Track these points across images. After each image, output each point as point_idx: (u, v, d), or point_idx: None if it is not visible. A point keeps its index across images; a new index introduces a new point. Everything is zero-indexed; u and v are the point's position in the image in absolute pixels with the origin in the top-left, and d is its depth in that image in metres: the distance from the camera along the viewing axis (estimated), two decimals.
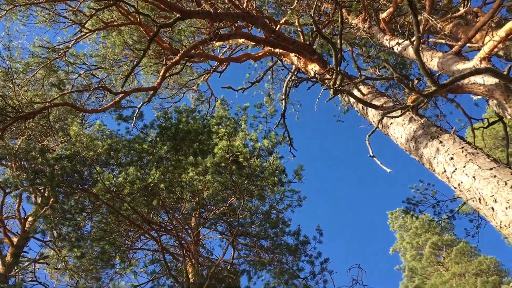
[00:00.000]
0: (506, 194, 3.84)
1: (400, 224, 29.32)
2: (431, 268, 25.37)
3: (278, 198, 11.33)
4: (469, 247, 23.67)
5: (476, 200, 4.22)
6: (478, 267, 22.06)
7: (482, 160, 4.36)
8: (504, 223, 3.83)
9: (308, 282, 11.41)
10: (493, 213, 3.97)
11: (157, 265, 11.80)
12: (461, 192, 4.54)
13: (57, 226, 9.05)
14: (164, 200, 9.51)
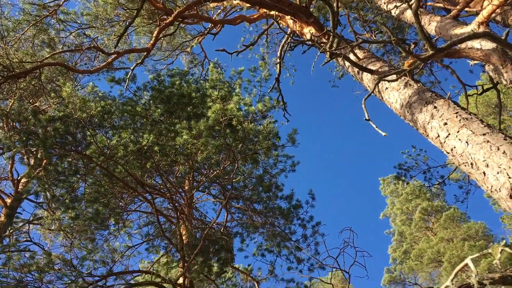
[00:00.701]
0: (498, 159, 3.87)
1: (391, 190, 29.73)
2: (420, 233, 25.90)
3: (272, 163, 11.40)
4: (458, 213, 24.13)
5: (468, 165, 4.26)
6: (466, 232, 22.56)
7: (475, 126, 4.37)
8: (495, 188, 3.88)
9: (299, 244, 11.62)
10: (485, 177, 4.01)
11: (151, 227, 11.95)
12: (453, 157, 4.57)
13: (50, 188, 9.07)
14: (158, 163, 9.52)
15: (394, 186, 29.35)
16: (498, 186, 3.89)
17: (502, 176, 3.83)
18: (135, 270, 10.38)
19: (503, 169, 3.84)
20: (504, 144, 4.02)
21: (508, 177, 3.74)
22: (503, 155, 3.91)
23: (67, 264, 7.61)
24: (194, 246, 9.19)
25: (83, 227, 9.03)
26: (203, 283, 13.07)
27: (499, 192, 3.89)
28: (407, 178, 14.33)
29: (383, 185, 30.36)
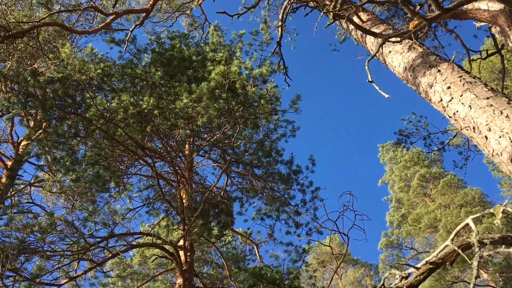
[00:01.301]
0: (500, 123, 3.84)
1: (390, 157, 29.82)
2: (418, 199, 26.15)
3: (272, 128, 11.38)
4: (456, 180, 24.29)
5: (470, 129, 4.23)
6: (463, 198, 22.78)
7: (479, 90, 4.32)
8: (496, 152, 3.86)
9: (298, 209, 11.74)
10: (486, 141, 3.99)
11: (151, 190, 12.04)
12: (455, 121, 4.53)
13: (51, 150, 9.08)
14: (158, 126, 9.50)
15: (393, 153, 29.42)
16: (499, 150, 3.87)
17: (504, 140, 3.80)
18: (136, 232, 10.52)
19: (506, 133, 3.81)
20: (508, 108, 3.98)
21: (510, 141, 3.71)
22: (506, 119, 3.87)
23: (69, 225, 7.70)
24: (194, 209, 9.28)
25: (84, 189, 9.08)
26: (203, 245, 13.29)
27: (501, 156, 3.87)
28: (407, 145, 14.33)
29: (382, 152, 30.43)
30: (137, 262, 14.36)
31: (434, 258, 2.67)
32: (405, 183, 27.91)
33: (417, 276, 2.63)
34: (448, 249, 2.66)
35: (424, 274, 2.61)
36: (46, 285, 8.05)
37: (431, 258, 2.69)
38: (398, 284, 2.67)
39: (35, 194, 11.69)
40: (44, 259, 7.62)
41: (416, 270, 2.67)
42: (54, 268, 8.02)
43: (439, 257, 2.66)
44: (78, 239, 7.92)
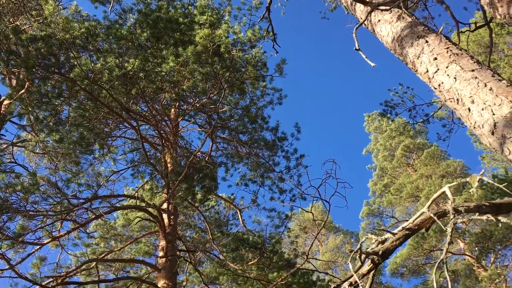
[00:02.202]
0: (484, 95, 3.88)
1: (375, 127, 30.04)
2: (401, 169, 26.55)
3: (259, 95, 11.34)
4: (439, 151, 24.67)
5: (454, 101, 4.27)
6: (445, 169, 23.22)
7: (465, 62, 4.33)
8: (478, 124, 3.91)
9: (283, 175, 11.86)
10: (469, 113, 4.04)
11: (136, 153, 12.03)
12: (440, 92, 4.57)
13: (34, 110, 8.95)
14: (144, 89, 9.39)
15: (379, 123, 29.62)
16: (481, 122, 3.92)
17: (487, 113, 3.84)
18: (120, 194, 10.57)
19: (488, 106, 3.85)
20: (492, 81, 4.01)
21: (492, 114, 3.76)
22: (490, 92, 3.91)
23: (52, 186, 7.68)
24: (178, 173, 9.30)
25: (67, 150, 9.02)
26: (187, 209, 13.41)
27: (482, 128, 3.92)
28: (392, 115, 14.44)
29: (368, 121, 30.62)
30: (120, 224, 14.46)
31: (411, 225, 2.74)
32: (389, 152, 28.25)
33: (393, 241, 2.70)
34: (424, 216, 2.72)
35: (400, 240, 2.68)
36: (29, 244, 8.10)
37: (407, 225, 2.76)
38: (374, 249, 2.74)
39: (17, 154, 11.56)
40: (27, 218, 7.64)
41: (392, 235, 2.74)
42: (37, 227, 8.06)
43: (415, 224, 2.73)
44: (62, 200, 7.92)
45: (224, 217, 14.24)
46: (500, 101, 3.76)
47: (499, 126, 3.62)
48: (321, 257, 28.55)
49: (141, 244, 14.22)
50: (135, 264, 14.03)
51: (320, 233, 33.16)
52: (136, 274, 13.72)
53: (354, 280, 2.69)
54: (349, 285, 2.73)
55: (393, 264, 22.62)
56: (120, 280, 12.26)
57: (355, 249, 2.68)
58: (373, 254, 2.66)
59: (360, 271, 2.75)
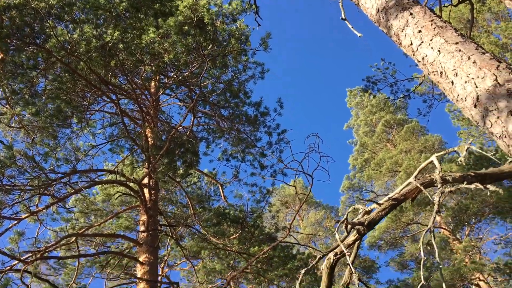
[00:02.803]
0: (467, 68, 3.87)
1: (357, 102, 30.11)
2: (381, 144, 26.81)
3: (241, 68, 11.19)
4: (418, 126, 24.96)
5: (437, 74, 4.25)
6: (424, 144, 23.55)
7: (449, 34, 4.31)
8: (461, 97, 3.91)
9: (264, 151, 11.85)
10: (452, 86, 4.03)
11: (115, 128, 11.83)
12: (424, 66, 4.54)
13: (8, 82, 8.67)
14: (123, 62, 9.16)
15: (360, 98, 29.70)
16: (464, 95, 3.91)
17: (470, 86, 3.84)
18: (100, 169, 10.43)
19: (471, 79, 3.85)
20: (475, 54, 4.00)
21: (475, 86, 3.76)
22: (473, 65, 3.90)
23: (29, 160, 7.52)
24: (159, 148, 9.20)
25: (44, 124, 8.81)
26: (168, 184, 13.35)
27: (465, 101, 3.92)
28: (374, 91, 14.50)
29: (350, 96, 30.67)
30: (100, 199, 14.33)
31: (397, 195, 2.74)
32: (370, 128, 28.46)
33: (379, 212, 2.70)
34: (411, 186, 2.72)
35: (386, 210, 2.68)
36: (6, 218, 7.96)
37: (393, 195, 2.76)
38: (360, 219, 2.73)
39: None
40: (3, 193, 7.48)
41: (378, 206, 2.74)
42: (14, 202, 7.91)
43: (401, 194, 2.73)
44: (39, 174, 7.77)
45: (206, 192, 14.25)
46: (483, 74, 3.75)
47: (482, 99, 3.62)
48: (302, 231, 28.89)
49: (122, 219, 14.15)
50: (116, 239, 13.99)
51: (301, 208, 33.54)
52: (117, 249, 13.68)
53: (339, 250, 2.70)
54: (334, 255, 2.73)
55: (371, 238, 23.07)
56: (100, 255, 12.23)
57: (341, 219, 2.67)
58: (359, 225, 2.65)
59: (346, 241, 2.75)
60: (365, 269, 28.17)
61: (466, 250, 18.76)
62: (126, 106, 12.16)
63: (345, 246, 2.66)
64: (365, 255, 28.57)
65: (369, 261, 28.11)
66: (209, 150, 12.08)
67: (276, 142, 11.75)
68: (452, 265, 18.10)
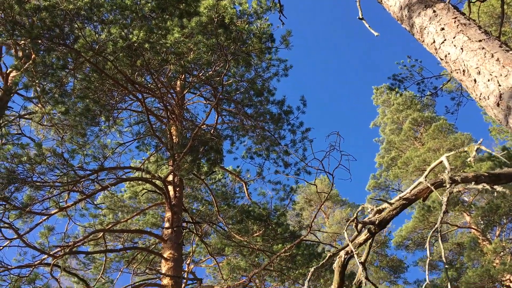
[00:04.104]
0: (490, 66, 3.82)
1: (383, 100, 29.70)
2: (408, 142, 26.38)
3: (265, 67, 11.23)
4: (446, 124, 24.42)
5: (460, 72, 4.21)
6: (453, 142, 23.05)
7: (472, 32, 4.25)
8: (484, 95, 3.86)
9: (288, 149, 11.86)
10: (475, 85, 3.98)
11: (141, 126, 12.05)
12: (446, 63, 4.50)
13: (39, 82, 8.95)
14: (148, 61, 9.33)
15: (387, 96, 29.28)
16: (487, 93, 3.87)
17: (493, 84, 3.79)
18: (126, 166, 10.64)
19: (494, 77, 3.80)
20: (499, 52, 3.94)
21: (498, 85, 3.71)
22: (496, 62, 3.85)
23: (58, 157, 7.75)
24: (183, 146, 9.33)
25: (73, 122, 9.06)
26: (193, 182, 13.51)
27: (487, 99, 3.88)
28: (400, 89, 14.32)
29: (376, 94, 30.29)
30: (127, 196, 14.63)
31: (408, 195, 2.73)
32: (397, 126, 28.04)
33: (390, 211, 2.70)
34: (422, 186, 2.71)
35: (397, 209, 2.68)
36: (37, 214, 8.23)
37: (404, 195, 2.75)
38: (371, 218, 2.74)
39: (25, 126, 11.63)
40: (34, 189, 7.73)
41: (389, 205, 2.74)
42: (44, 198, 8.17)
43: (412, 194, 2.72)
44: (68, 171, 8.00)
45: (230, 190, 14.35)
46: (506, 72, 3.70)
47: (505, 98, 3.57)
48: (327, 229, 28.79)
49: (148, 215, 14.41)
50: (142, 235, 14.26)
51: (327, 206, 33.39)
52: (143, 245, 13.94)
53: (350, 249, 2.71)
54: (345, 254, 2.75)
55: (398, 237, 22.79)
56: (127, 250, 12.49)
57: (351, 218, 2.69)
58: (370, 224, 2.66)
59: (357, 240, 2.76)
60: (392, 269, 27.87)
61: (497, 251, 18.31)
62: (152, 104, 12.37)
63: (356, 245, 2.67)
64: (392, 254, 28.28)
65: (396, 260, 27.80)
66: (233, 148, 12.17)
67: (299, 140, 11.76)
68: (481, 266, 17.71)
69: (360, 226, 2.69)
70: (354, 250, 2.64)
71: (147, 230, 13.56)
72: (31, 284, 7.83)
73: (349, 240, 2.71)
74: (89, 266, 13.87)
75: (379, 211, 2.75)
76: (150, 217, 14.37)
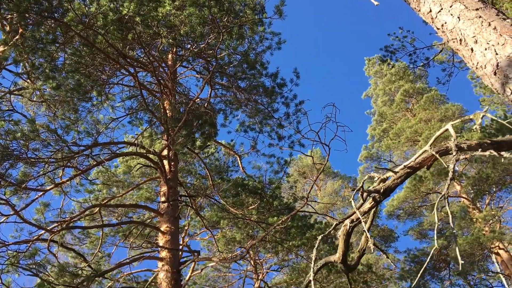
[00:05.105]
0: (487, 35, 3.81)
1: (375, 71, 29.59)
2: (400, 114, 26.47)
3: (258, 39, 11.11)
4: (438, 95, 24.47)
5: (457, 41, 4.19)
6: (444, 113, 23.17)
7: (469, 0, 4.23)
8: (481, 64, 3.87)
9: (282, 122, 11.86)
10: (472, 54, 3.98)
11: (134, 101, 11.95)
12: (443, 33, 4.48)
13: (29, 57, 8.80)
14: (140, 34, 9.19)
15: (379, 67, 29.17)
16: (484, 62, 3.87)
17: (490, 53, 3.79)
18: (120, 141, 10.60)
19: (492, 45, 3.79)
20: (496, 20, 3.93)
21: (495, 54, 3.71)
22: (493, 31, 3.84)
23: (52, 133, 7.69)
24: (177, 120, 9.30)
25: (65, 97, 8.96)
26: (187, 156, 13.52)
27: (484, 68, 3.88)
28: (392, 60, 14.30)
29: (368, 65, 30.16)
30: (121, 171, 14.62)
31: (412, 163, 2.76)
32: (389, 97, 28.07)
33: (395, 180, 2.73)
34: (426, 154, 2.74)
35: (402, 178, 2.71)
36: (32, 190, 8.22)
37: (409, 163, 2.78)
38: (376, 187, 2.78)
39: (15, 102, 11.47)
40: (28, 165, 7.70)
41: (394, 174, 2.77)
42: (39, 174, 8.15)
43: (417, 162, 2.75)
44: (62, 147, 7.96)
45: (224, 164, 14.38)
46: (504, 40, 3.70)
47: (502, 66, 3.58)
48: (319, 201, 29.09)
49: (143, 190, 14.45)
50: (138, 209, 14.33)
51: (319, 178, 33.65)
52: (139, 220, 14.03)
53: (356, 217, 2.75)
54: (350, 222, 2.80)
55: (390, 207, 23.10)
56: (123, 224, 12.57)
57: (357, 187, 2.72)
58: (375, 192, 2.70)
59: (362, 209, 2.81)
60: (383, 238, 28.38)
61: (486, 219, 18.68)
62: (144, 79, 12.25)
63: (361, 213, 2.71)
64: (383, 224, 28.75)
65: (387, 230, 28.29)
66: (227, 121, 12.15)
67: (293, 113, 11.74)
68: (472, 234, 18.08)
69: (366, 194, 2.73)
70: (361, 218, 2.68)
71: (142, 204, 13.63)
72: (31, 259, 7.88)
73: (356, 208, 2.75)
74: (85, 241, 13.96)
75: (384, 179, 2.79)
76: (144, 192, 14.41)
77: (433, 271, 19.95)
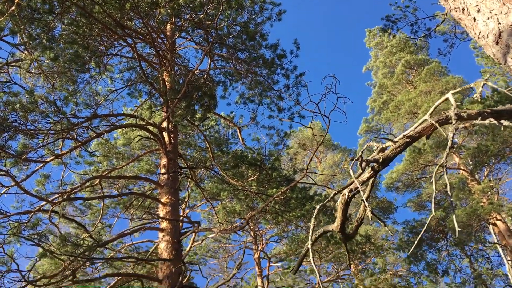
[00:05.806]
0: (490, 3, 3.74)
1: (376, 42, 29.20)
2: (400, 86, 26.27)
3: (258, 10, 10.96)
4: (439, 67, 24.22)
5: (459, 10, 4.13)
6: (445, 85, 22.99)
7: None
8: (483, 34, 3.81)
9: (282, 94, 11.80)
10: (474, 23, 3.92)
11: (132, 72, 11.86)
12: (446, 2, 4.41)
13: (25, 28, 8.68)
14: (138, 4, 9.05)
15: (380, 39, 28.78)
16: (486, 32, 3.81)
17: (492, 22, 3.73)
18: (119, 113, 10.58)
19: (494, 14, 3.73)
20: None
21: (498, 23, 3.65)
22: (497, 0, 3.77)
23: (51, 105, 7.66)
24: (177, 92, 9.24)
25: (63, 69, 8.88)
26: (186, 128, 13.52)
27: (487, 38, 3.83)
28: (393, 30, 14.13)
29: (369, 37, 29.74)
30: (121, 143, 14.64)
31: (412, 132, 2.75)
32: (389, 69, 27.81)
33: (394, 149, 2.73)
34: (426, 123, 2.73)
35: (401, 147, 2.71)
36: (32, 161, 8.24)
37: (408, 132, 2.77)
38: (375, 156, 2.78)
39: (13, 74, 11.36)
40: (28, 137, 7.70)
41: (393, 143, 2.77)
42: (39, 146, 8.15)
43: (416, 131, 2.74)
44: (61, 119, 7.94)
45: (224, 136, 14.38)
46: (507, 9, 3.64)
47: (504, 36, 3.53)
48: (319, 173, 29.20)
49: (143, 162, 14.50)
50: (138, 181, 14.42)
51: (319, 151, 33.74)
52: (139, 191, 14.13)
53: (354, 186, 2.77)
54: (349, 191, 2.81)
55: (389, 179, 23.23)
56: (124, 196, 12.66)
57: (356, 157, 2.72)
58: (374, 162, 2.70)
59: (360, 178, 2.82)
60: (382, 210, 28.68)
61: (484, 191, 18.81)
62: (143, 50, 12.12)
63: (360, 183, 2.72)
64: (382, 196, 29.01)
65: (386, 202, 28.57)
66: (226, 93, 12.10)
67: (293, 85, 11.67)
68: (470, 206, 18.23)
69: (364, 164, 2.73)
70: (359, 187, 2.69)
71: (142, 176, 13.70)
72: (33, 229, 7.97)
73: (355, 177, 2.76)
74: (86, 213, 14.09)
75: (383, 149, 2.78)
76: (144, 164, 14.47)
77: (431, 241, 20.21)
